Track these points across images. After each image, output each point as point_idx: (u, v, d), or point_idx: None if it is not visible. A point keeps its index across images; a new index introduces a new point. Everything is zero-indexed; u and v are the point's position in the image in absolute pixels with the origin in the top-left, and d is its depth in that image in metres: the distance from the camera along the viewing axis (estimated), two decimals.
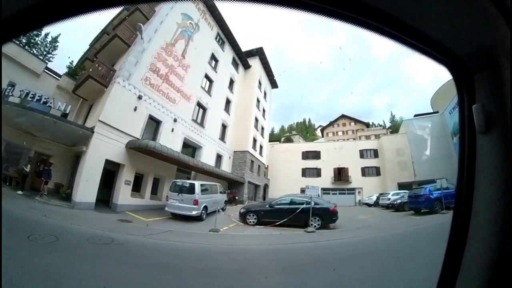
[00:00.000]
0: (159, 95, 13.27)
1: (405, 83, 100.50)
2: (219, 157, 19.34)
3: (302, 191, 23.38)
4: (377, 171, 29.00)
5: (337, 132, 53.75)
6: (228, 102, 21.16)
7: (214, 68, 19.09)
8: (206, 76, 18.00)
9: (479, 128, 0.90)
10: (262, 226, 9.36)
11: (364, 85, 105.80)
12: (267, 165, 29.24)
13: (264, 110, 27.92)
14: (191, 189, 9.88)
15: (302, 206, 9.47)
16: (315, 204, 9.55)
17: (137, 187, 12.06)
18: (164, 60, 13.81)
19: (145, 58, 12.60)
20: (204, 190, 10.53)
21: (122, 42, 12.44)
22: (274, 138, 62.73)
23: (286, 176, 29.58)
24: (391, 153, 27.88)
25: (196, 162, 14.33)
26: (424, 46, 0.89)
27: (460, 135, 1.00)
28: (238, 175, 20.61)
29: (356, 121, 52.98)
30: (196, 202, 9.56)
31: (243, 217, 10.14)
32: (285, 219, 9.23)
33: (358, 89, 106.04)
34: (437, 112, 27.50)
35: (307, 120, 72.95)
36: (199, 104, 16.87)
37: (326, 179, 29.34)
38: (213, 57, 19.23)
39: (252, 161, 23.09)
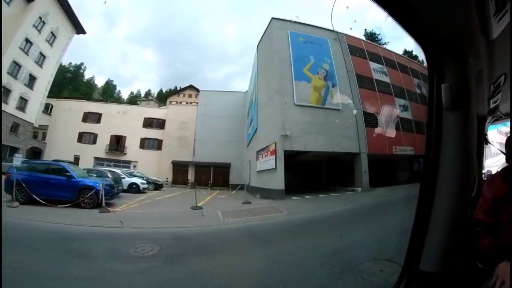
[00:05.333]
0: None
1: None
2: None
3: (76, 159, 22.36)
4: (158, 145, 25.32)
5: (180, 102, 46.82)
6: None
7: None
8: None
9: (446, 105, 1.00)
10: None
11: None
12: (39, 125, 23.68)
13: (43, 56, 21.83)
14: None
15: None
16: None
17: None
18: None
19: None
20: None
21: None
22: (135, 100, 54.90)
23: (63, 140, 23.93)
24: (174, 126, 24.76)
25: None
26: (408, 20, 0.92)
27: (428, 111, 1.08)
28: None
29: None
30: None
31: None
32: None
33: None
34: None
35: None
36: None
37: (102, 148, 24.56)
38: None
39: None
